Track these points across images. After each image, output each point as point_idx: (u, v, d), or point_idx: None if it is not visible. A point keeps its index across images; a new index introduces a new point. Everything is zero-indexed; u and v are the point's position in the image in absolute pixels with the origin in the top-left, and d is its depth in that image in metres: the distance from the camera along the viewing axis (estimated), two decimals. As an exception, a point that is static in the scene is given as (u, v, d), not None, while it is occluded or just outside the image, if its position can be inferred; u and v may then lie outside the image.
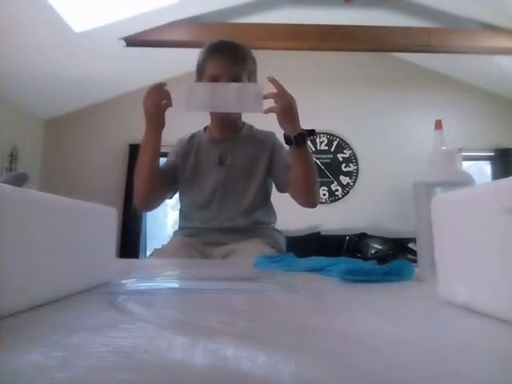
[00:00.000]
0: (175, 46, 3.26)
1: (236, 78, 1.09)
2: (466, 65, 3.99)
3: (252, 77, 1.16)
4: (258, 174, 1.17)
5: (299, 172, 1.08)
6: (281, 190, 1.19)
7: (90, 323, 0.31)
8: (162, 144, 1.12)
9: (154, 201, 1.18)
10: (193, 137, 1.27)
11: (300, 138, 1.02)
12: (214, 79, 1.09)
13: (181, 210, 1.24)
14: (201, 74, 1.14)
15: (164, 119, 1.09)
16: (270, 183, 1.23)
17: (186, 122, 1.29)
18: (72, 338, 0.26)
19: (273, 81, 1.03)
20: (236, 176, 1.17)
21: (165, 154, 1.25)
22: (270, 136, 1.21)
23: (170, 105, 1.06)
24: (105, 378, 0.19)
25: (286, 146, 1.09)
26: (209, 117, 1.23)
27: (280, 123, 1.04)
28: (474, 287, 0.34)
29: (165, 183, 1.18)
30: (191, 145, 1.24)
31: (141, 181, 1.12)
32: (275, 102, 1.02)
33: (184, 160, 1.21)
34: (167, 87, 1.07)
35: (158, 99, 1.05)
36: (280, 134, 1.11)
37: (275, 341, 0.27)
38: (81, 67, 3.43)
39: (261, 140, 1.21)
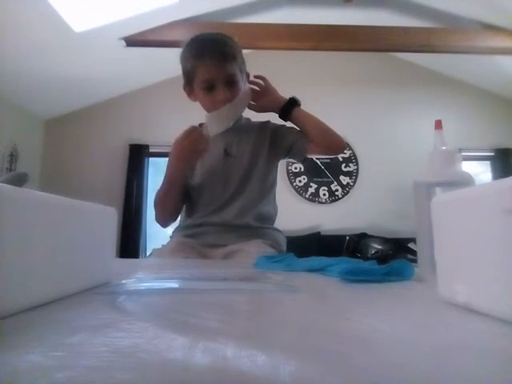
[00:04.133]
0: (175, 46, 3.24)
1: (231, 77, 1.09)
2: (466, 65, 3.99)
3: (243, 67, 1.15)
4: (261, 158, 1.19)
5: (311, 126, 1.14)
6: (305, 154, 1.17)
7: (90, 323, 0.31)
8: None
9: (175, 219, 1.22)
10: None
11: (291, 103, 1.15)
12: (209, 83, 1.08)
13: (188, 206, 1.23)
14: (191, 79, 1.12)
15: (195, 163, 1.14)
16: (275, 171, 1.24)
17: (180, 121, 1.28)
18: (72, 337, 0.26)
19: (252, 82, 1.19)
20: (245, 164, 1.17)
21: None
22: (267, 122, 1.24)
23: (207, 149, 1.05)
24: (105, 378, 0.19)
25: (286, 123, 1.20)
26: (203, 113, 1.22)
27: (266, 106, 1.17)
28: (474, 287, 0.34)
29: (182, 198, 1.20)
30: None
31: (166, 210, 1.16)
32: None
33: None
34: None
35: (196, 145, 1.03)
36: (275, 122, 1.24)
37: (275, 341, 0.27)
38: (81, 67, 3.43)
39: (258, 127, 1.23)
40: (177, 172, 1.09)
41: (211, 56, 1.07)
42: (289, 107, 1.15)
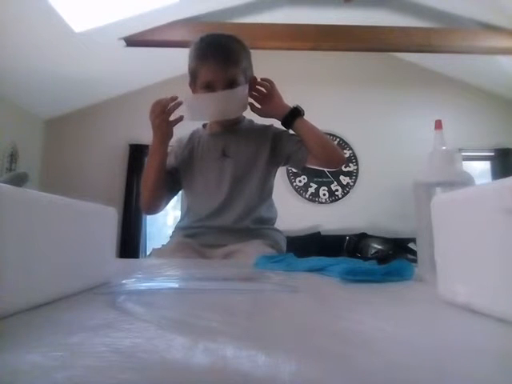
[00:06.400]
0: (175, 45, 3.26)
1: (231, 82, 1.09)
2: (466, 65, 3.99)
3: (248, 72, 1.15)
4: (260, 162, 1.18)
5: (312, 138, 1.13)
6: (303, 164, 1.18)
7: (90, 323, 0.31)
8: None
9: (158, 206, 1.22)
10: (192, 134, 1.27)
11: (295, 111, 1.13)
12: (209, 85, 1.09)
13: (187, 207, 1.24)
14: (194, 78, 1.13)
15: (171, 130, 1.12)
16: (273, 177, 1.24)
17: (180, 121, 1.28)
18: (72, 337, 0.26)
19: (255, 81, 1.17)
20: (241, 166, 1.17)
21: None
22: (269, 127, 1.24)
23: (181, 119, 1.10)
24: (105, 378, 0.19)
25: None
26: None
27: (269, 112, 1.16)
28: (474, 287, 0.34)
29: (168, 187, 1.20)
30: (192, 142, 1.24)
31: (147, 188, 1.16)
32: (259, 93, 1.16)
33: (187, 158, 1.22)
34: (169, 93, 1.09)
35: (160, 110, 1.08)
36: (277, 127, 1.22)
37: (275, 341, 0.27)
38: (81, 67, 3.43)
39: (260, 131, 1.23)
40: (154, 143, 1.13)
41: (214, 59, 1.08)
42: (292, 117, 1.14)
